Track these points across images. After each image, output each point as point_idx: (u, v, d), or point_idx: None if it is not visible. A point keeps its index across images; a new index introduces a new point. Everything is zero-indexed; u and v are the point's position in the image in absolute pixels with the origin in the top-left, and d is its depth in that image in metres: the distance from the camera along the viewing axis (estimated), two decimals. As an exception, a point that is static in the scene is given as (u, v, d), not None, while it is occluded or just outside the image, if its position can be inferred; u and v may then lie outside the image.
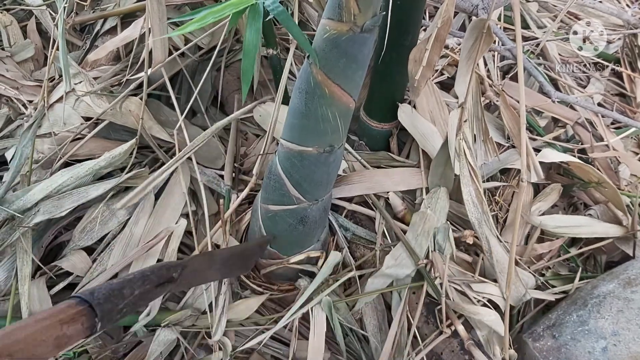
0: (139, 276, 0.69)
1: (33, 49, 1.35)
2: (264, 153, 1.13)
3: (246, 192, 1.10)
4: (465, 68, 0.92)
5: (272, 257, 1.03)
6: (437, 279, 0.98)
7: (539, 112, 1.36)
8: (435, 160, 1.08)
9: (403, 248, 1.01)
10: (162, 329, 0.99)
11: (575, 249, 1.16)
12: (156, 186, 1.09)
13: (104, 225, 1.07)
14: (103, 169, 1.08)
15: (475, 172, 1.00)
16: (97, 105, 1.14)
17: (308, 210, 0.92)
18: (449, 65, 1.41)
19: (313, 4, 1.26)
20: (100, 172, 1.09)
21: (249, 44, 0.62)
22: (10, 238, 1.00)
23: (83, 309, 0.58)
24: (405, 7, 0.91)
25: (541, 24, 1.60)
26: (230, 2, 0.59)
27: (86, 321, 0.58)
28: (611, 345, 0.93)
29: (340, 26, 0.66)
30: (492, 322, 0.94)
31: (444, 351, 0.98)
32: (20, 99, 1.25)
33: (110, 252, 1.05)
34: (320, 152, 0.81)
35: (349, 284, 1.11)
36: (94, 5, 1.38)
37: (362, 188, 1.12)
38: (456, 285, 1.00)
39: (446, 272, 0.98)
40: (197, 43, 1.21)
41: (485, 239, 0.99)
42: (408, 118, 1.13)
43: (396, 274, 1.00)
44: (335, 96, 0.73)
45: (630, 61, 1.53)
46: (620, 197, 1.11)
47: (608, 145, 1.26)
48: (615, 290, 1.00)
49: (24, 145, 1.11)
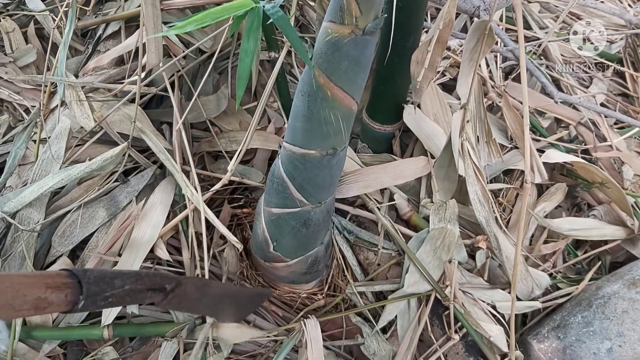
0: (133, 274, 0.68)
1: (35, 54, 1.35)
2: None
3: (219, 185, 1.07)
4: (468, 69, 0.92)
5: (275, 260, 1.03)
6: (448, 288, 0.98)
7: (542, 112, 1.35)
8: (438, 161, 1.07)
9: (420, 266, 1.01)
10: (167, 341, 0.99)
11: (581, 251, 1.16)
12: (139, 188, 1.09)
13: (84, 228, 1.05)
14: (95, 171, 1.08)
15: (479, 171, 1.00)
16: (97, 110, 1.15)
17: (311, 212, 0.92)
18: (451, 66, 1.41)
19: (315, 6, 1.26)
20: (93, 174, 1.09)
21: (245, 51, 0.62)
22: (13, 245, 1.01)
23: (72, 282, 0.58)
24: (407, 9, 0.90)
25: (543, 25, 1.59)
26: (230, 5, 0.59)
27: (70, 294, 0.57)
28: (616, 346, 0.92)
29: (342, 29, 0.65)
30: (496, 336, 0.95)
31: (449, 354, 0.98)
32: (23, 104, 1.25)
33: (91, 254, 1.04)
34: (323, 155, 0.81)
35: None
36: (96, 10, 1.38)
37: (359, 187, 1.10)
38: (465, 291, 1.00)
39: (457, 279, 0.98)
40: (200, 47, 1.22)
41: (494, 237, 0.99)
42: (413, 119, 1.13)
43: (417, 290, 1.00)
44: (337, 99, 0.72)
45: (632, 61, 1.53)
46: (626, 198, 1.10)
47: (611, 145, 1.25)
48: (620, 291, 0.99)
49: (18, 147, 1.11)
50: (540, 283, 1.03)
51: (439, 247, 0.99)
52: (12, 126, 1.25)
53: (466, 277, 1.02)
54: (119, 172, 1.10)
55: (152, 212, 1.07)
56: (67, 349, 1.04)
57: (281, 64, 1.08)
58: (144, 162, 1.14)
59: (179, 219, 1.06)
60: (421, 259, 1.00)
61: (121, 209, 1.08)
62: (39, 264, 1.03)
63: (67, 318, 1.01)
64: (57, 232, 1.04)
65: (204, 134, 1.26)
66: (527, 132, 0.74)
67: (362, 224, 1.15)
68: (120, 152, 1.08)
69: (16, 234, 1.01)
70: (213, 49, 1.25)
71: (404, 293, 0.99)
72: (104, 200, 1.08)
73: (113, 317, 0.97)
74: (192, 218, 1.06)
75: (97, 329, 0.98)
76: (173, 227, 1.07)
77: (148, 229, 1.05)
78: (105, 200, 1.08)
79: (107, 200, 1.08)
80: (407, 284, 0.99)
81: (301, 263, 1.03)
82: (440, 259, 0.99)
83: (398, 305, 1.01)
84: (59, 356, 1.03)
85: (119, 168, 1.11)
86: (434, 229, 1.02)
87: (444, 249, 0.98)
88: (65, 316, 1.01)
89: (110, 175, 1.11)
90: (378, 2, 0.64)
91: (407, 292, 0.99)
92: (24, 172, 1.12)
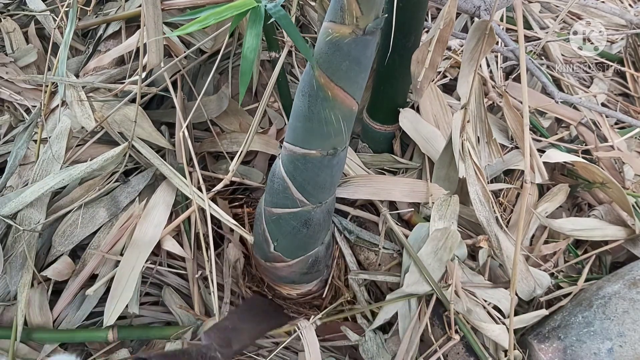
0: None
1: (36, 53, 1.35)
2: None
3: (221, 185, 1.06)
4: (468, 69, 0.92)
5: (275, 260, 1.03)
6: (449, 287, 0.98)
7: (543, 112, 1.35)
8: (438, 162, 1.07)
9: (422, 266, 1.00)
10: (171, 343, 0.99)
11: (581, 250, 1.15)
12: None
13: (84, 228, 1.06)
14: (96, 171, 1.08)
15: (480, 171, 1.00)
16: (98, 110, 1.15)
17: (312, 213, 0.92)
18: (451, 67, 1.41)
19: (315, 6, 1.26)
20: (94, 174, 1.09)
21: (248, 47, 0.62)
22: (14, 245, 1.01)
23: None
24: (407, 9, 0.91)
25: (544, 25, 1.59)
26: (232, 4, 0.59)
27: None
28: (617, 346, 0.92)
29: (343, 29, 0.66)
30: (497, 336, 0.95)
31: (449, 354, 0.98)
32: (24, 104, 1.26)
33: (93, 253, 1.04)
34: (323, 155, 0.81)
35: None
36: (97, 10, 1.38)
37: (367, 192, 1.10)
38: (467, 291, 1.00)
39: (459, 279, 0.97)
40: (200, 47, 1.22)
41: (495, 237, 0.99)
42: (409, 122, 1.13)
43: (417, 291, 0.99)
44: (338, 99, 0.72)
45: (633, 61, 1.53)
46: (626, 198, 1.10)
47: (612, 145, 1.25)
48: (620, 291, 0.99)
49: (19, 147, 1.11)
50: (542, 283, 1.03)
51: (441, 248, 0.99)
52: (13, 126, 1.25)
53: (468, 276, 1.02)
54: (120, 172, 1.10)
55: (154, 212, 1.07)
56: (68, 350, 1.04)
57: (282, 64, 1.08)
58: (144, 162, 1.14)
59: (182, 218, 1.06)
60: (422, 259, 1.00)
61: (122, 209, 1.08)
62: (40, 264, 1.03)
63: (67, 319, 1.01)
64: (57, 232, 1.04)
65: (205, 134, 1.26)
66: (526, 132, 0.74)
67: (362, 224, 1.15)
68: (121, 152, 1.08)
69: (17, 234, 1.01)
70: (213, 49, 1.26)
71: (403, 293, 0.99)
72: (104, 201, 1.08)
73: (115, 318, 0.97)
74: (196, 217, 1.06)
75: (101, 332, 0.99)
76: (175, 227, 1.07)
77: (150, 228, 1.05)
78: (106, 200, 1.08)
79: (108, 201, 1.08)
80: (407, 284, 0.99)
81: (302, 263, 1.03)
82: (441, 260, 0.99)
83: (397, 305, 1.00)
84: (60, 356, 1.03)
85: (120, 168, 1.11)
86: (437, 229, 1.01)
87: (445, 249, 0.98)
88: (66, 316, 1.01)
89: (111, 176, 1.11)
90: (379, 2, 0.64)
91: (406, 292, 0.99)
92: (24, 172, 1.11)
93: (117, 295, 0.98)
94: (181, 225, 1.09)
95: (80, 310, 1.02)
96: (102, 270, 1.03)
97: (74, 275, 1.03)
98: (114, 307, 0.97)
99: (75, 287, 1.02)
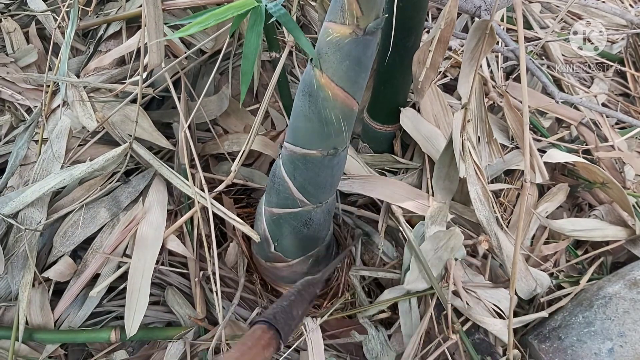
0: (297, 296, 0.80)
1: (36, 54, 1.35)
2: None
3: (223, 185, 1.06)
4: (468, 69, 0.92)
5: (276, 260, 1.03)
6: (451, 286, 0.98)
7: (543, 112, 1.35)
8: (439, 161, 1.07)
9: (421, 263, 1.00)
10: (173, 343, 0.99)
11: (581, 251, 1.15)
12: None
13: (85, 229, 1.06)
14: (96, 171, 1.08)
15: (480, 170, 1.00)
16: (99, 110, 1.15)
17: (312, 213, 0.92)
18: (452, 67, 1.41)
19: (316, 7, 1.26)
20: (94, 174, 1.09)
21: (249, 47, 0.62)
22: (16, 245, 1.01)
23: (274, 333, 0.71)
24: (408, 9, 0.91)
25: (544, 25, 1.59)
26: (233, 5, 0.59)
27: (275, 343, 0.70)
28: (617, 346, 0.92)
29: (343, 29, 0.66)
30: (499, 331, 0.95)
31: (455, 351, 0.98)
32: (25, 104, 1.26)
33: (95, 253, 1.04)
34: (324, 155, 0.81)
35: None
36: (98, 10, 1.38)
37: (370, 192, 1.10)
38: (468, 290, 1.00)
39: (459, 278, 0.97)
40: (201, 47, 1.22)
41: (495, 237, 0.99)
42: (410, 122, 1.13)
43: (417, 288, 0.99)
44: (338, 99, 0.73)
45: (634, 61, 1.53)
46: (627, 198, 1.10)
47: (613, 145, 1.25)
48: (621, 291, 0.99)
49: (20, 147, 1.11)
50: (542, 283, 1.03)
51: (442, 247, 0.99)
52: (14, 126, 1.25)
53: (469, 275, 1.02)
54: (121, 173, 1.10)
55: (152, 214, 1.07)
56: (69, 350, 1.04)
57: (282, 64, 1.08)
58: (145, 162, 1.14)
59: (185, 218, 1.06)
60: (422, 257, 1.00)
61: (122, 209, 1.08)
62: (41, 264, 1.03)
63: (68, 319, 1.02)
64: (58, 232, 1.04)
65: (206, 134, 1.26)
66: (526, 132, 0.74)
67: (364, 224, 1.16)
68: (121, 153, 1.08)
69: (18, 234, 1.01)
70: (214, 49, 1.26)
71: (403, 290, 1.00)
72: (105, 201, 1.08)
73: (137, 328, 0.95)
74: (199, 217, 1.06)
75: (103, 333, 0.99)
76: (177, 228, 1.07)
77: (152, 230, 1.05)
78: (107, 200, 1.08)
79: (109, 201, 1.08)
80: (407, 282, 0.99)
81: (302, 263, 1.03)
82: (440, 258, 0.99)
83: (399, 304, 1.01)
84: (61, 357, 1.03)
85: (121, 168, 1.11)
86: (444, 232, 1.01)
87: (446, 249, 0.98)
88: (67, 317, 1.02)
89: (112, 176, 1.11)
90: (379, 2, 0.64)
91: (406, 289, 0.99)
92: (25, 172, 1.12)
93: (134, 305, 0.97)
94: (183, 226, 1.09)
95: (81, 310, 1.02)
96: (104, 271, 1.03)
97: (75, 275, 1.03)
98: (132, 317, 0.96)
99: (77, 288, 1.02)
